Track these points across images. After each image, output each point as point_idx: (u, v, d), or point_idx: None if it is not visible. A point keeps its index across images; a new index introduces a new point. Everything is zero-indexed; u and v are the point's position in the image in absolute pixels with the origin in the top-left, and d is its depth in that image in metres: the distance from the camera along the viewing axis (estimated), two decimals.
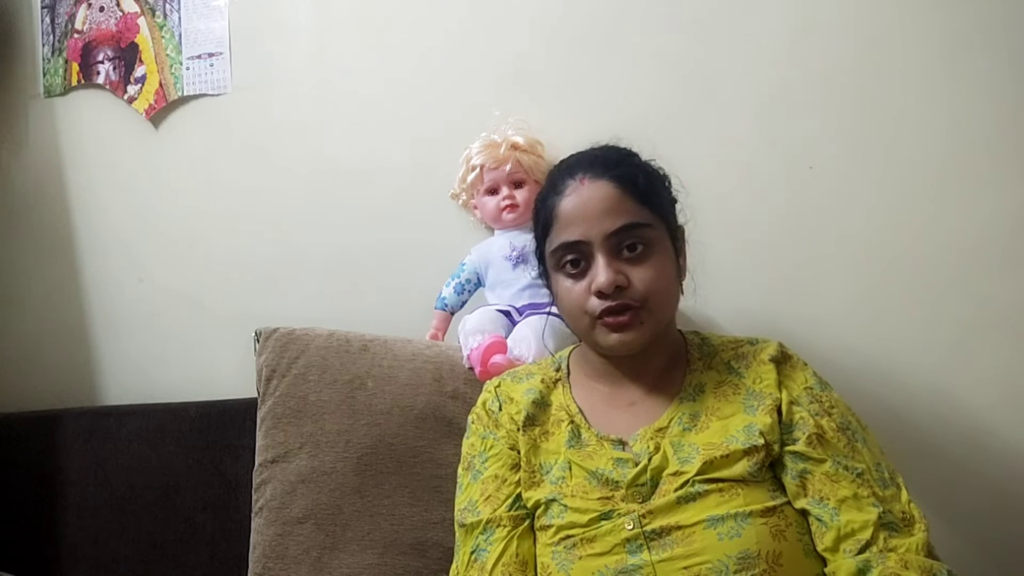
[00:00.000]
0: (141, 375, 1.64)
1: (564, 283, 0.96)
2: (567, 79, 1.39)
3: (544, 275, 1.03)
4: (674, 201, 1.01)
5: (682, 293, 1.01)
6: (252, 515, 1.19)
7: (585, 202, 0.93)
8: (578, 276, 0.94)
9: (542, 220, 0.99)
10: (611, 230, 0.92)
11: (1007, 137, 1.20)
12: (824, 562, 0.84)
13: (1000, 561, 1.19)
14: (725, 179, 1.30)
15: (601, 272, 0.91)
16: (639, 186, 0.94)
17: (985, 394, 1.21)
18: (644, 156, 1.00)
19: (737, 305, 1.28)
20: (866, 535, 0.81)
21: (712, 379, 0.96)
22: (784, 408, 0.90)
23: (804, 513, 0.86)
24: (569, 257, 0.94)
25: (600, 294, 0.91)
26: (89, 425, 1.49)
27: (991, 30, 1.21)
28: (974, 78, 1.21)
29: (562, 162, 1.02)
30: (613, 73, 1.36)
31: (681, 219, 1.01)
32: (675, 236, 0.99)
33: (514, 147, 1.31)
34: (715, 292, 1.12)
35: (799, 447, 0.87)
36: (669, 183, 1.01)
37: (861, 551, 0.81)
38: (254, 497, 1.20)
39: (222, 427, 1.40)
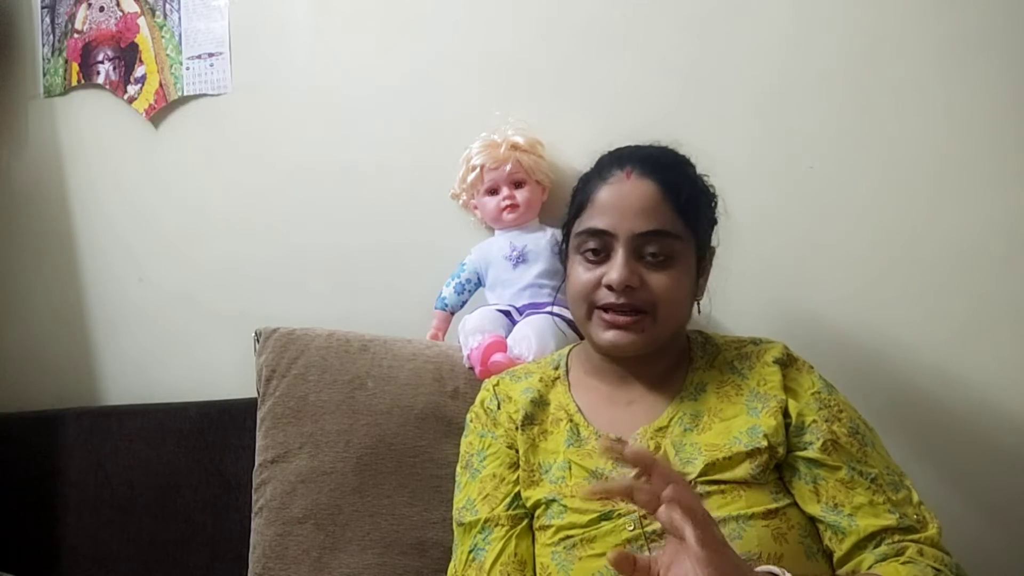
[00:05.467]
0: (141, 375, 1.64)
1: (578, 267, 0.96)
2: (567, 79, 1.39)
3: (563, 253, 1.03)
4: (714, 221, 1.01)
5: (699, 312, 1.01)
6: (252, 515, 1.19)
7: (624, 196, 0.93)
8: (594, 264, 0.94)
9: (578, 200, 0.99)
10: (640, 231, 0.91)
11: (1006, 135, 1.20)
12: (828, 564, 0.84)
13: (998, 558, 1.19)
14: (725, 179, 1.29)
15: (616, 268, 0.91)
16: (681, 196, 0.94)
17: (986, 391, 1.21)
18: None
19: (738, 304, 1.27)
20: (882, 538, 0.82)
21: (714, 378, 0.96)
22: (793, 413, 0.90)
23: (813, 519, 0.86)
24: (591, 244, 0.94)
25: (609, 288, 0.91)
26: (89, 425, 1.49)
27: (991, 30, 1.20)
28: (974, 77, 1.21)
29: (616, 149, 1.01)
30: (613, 73, 1.36)
31: (715, 241, 1.01)
32: (702, 255, 0.98)
33: (514, 147, 1.31)
34: (715, 290, 1.12)
35: (814, 454, 0.87)
36: (715, 203, 1.01)
37: (877, 546, 0.82)
38: (254, 497, 1.20)
39: (222, 427, 1.40)
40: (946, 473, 1.21)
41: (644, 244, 0.92)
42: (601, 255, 0.94)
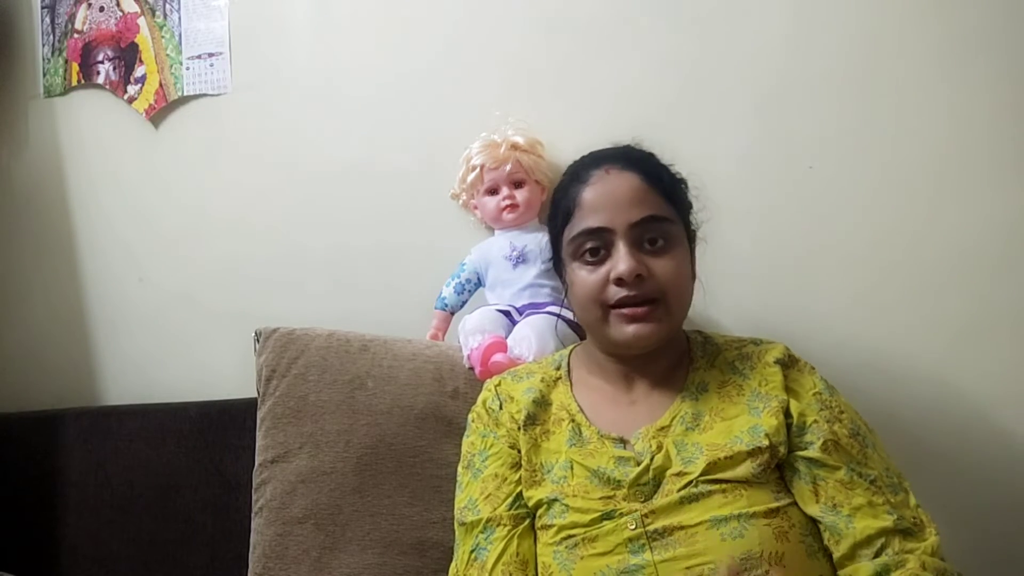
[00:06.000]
0: (141, 375, 1.64)
1: (580, 272, 0.95)
2: (567, 79, 1.39)
3: (557, 266, 1.03)
4: (691, 204, 1.02)
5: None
6: (252, 515, 1.19)
7: (611, 190, 0.94)
8: (596, 264, 0.94)
9: (563, 208, 0.98)
10: (636, 219, 0.92)
11: (1006, 136, 1.20)
12: (829, 562, 0.84)
13: (997, 560, 1.19)
14: (725, 179, 1.30)
15: (622, 260, 0.91)
16: (664, 181, 0.96)
17: (985, 393, 1.21)
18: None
19: (737, 304, 1.28)
20: (881, 541, 0.82)
21: (715, 378, 0.96)
22: (794, 413, 0.90)
23: (814, 519, 0.86)
24: (589, 245, 0.94)
25: (620, 282, 0.91)
26: (89, 425, 1.49)
27: (991, 30, 1.21)
28: (974, 77, 1.21)
29: (584, 156, 1.02)
30: (613, 73, 1.36)
31: (695, 224, 1.02)
32: (690, 238, 1.00)
33: (514, 147, 1.31)
34: (715, 291, 1.12)
35: (814, 453, 0.87)
36: (687, 186, 1.02)
37: (877, 555, 0.82)
38: (254, 497, 1.20)
39: (222, 427, 1.40)
40: (943, 475, 1.21)
41: (642, 233, 0.92)
42: (601, 254, 0.94)
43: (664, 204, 0.94)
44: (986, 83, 1.21)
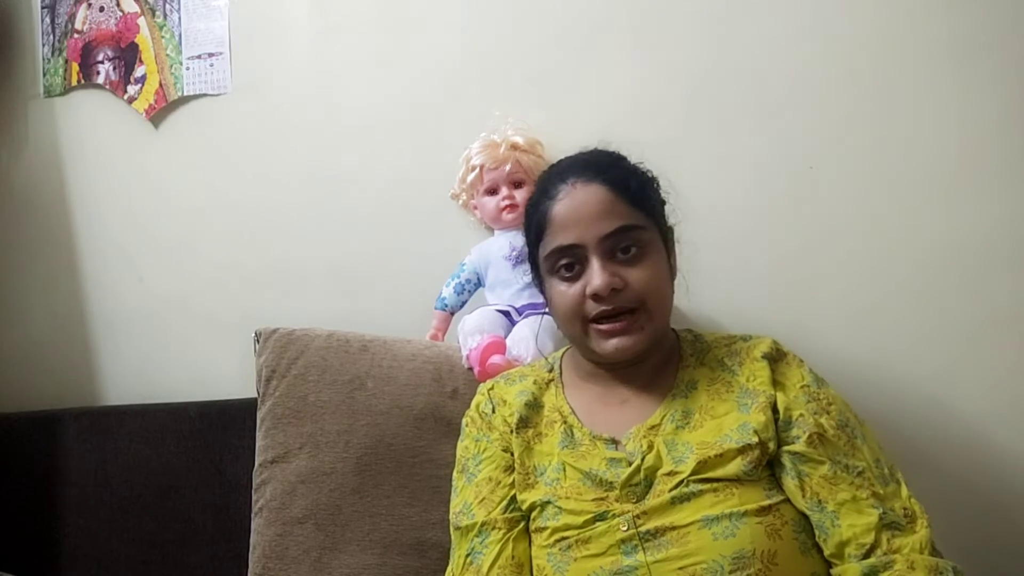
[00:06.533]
0: (141, 375, 1.64)
1: (558, 287, 0.96)
2: (567, 79, 1.39)
3: (538, 280, 1.03)
4: (663, 202, 1.01)
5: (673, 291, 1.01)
6: (252, 515, 1.19)
7: (578, 206, 0.93)
8: (573, 280, 0.94)
9: (535, 225, 0.98)
10: (605, 233, 0.92)
11: (1010, 140, 1.20)
12: (822, 558, 0.84)
13: (1000, 570, 1.18)
14: (726, 179, 1.30)
15: (596, 275, 0.91)
16: (631, 189, 0.95)
17: (986, 401, 1.20)
18: (638, 158, 1.01)
19: (736, 305, 1.28)
20: (869, 539, 0.82)
21: (705, 376, 0.96)
22: (781, 407, 0.90)
23: (805, 514, 0.86)
24: (564, 261, 0.94)
25: (596, 297, 0.91)
26: (89, 425, 1.49)
27: (996, 32, 1.20)
28: (978, 80, 1.21)
29: (552, 167, 1.03)
30: (614, 73, 1.36)
31: (671, 220, 1.02)
32: (666, 237, 0.99)
33: (514, 147, 1.31)
34: (714, 292, 1.12)
35: (799, 447, 0.87)
36: (658, 184, 1.01)
37: (865, 556, 0.81)
38: (254, 497, 1.20)
39: (222, 427, 1.41)
40: (943, 484, 1.20)
41: (613, 244, 0.92)
42: (576, 269, 0.94)
43: (633, 211, 0.93)
44: (990, 85, 1.20)
